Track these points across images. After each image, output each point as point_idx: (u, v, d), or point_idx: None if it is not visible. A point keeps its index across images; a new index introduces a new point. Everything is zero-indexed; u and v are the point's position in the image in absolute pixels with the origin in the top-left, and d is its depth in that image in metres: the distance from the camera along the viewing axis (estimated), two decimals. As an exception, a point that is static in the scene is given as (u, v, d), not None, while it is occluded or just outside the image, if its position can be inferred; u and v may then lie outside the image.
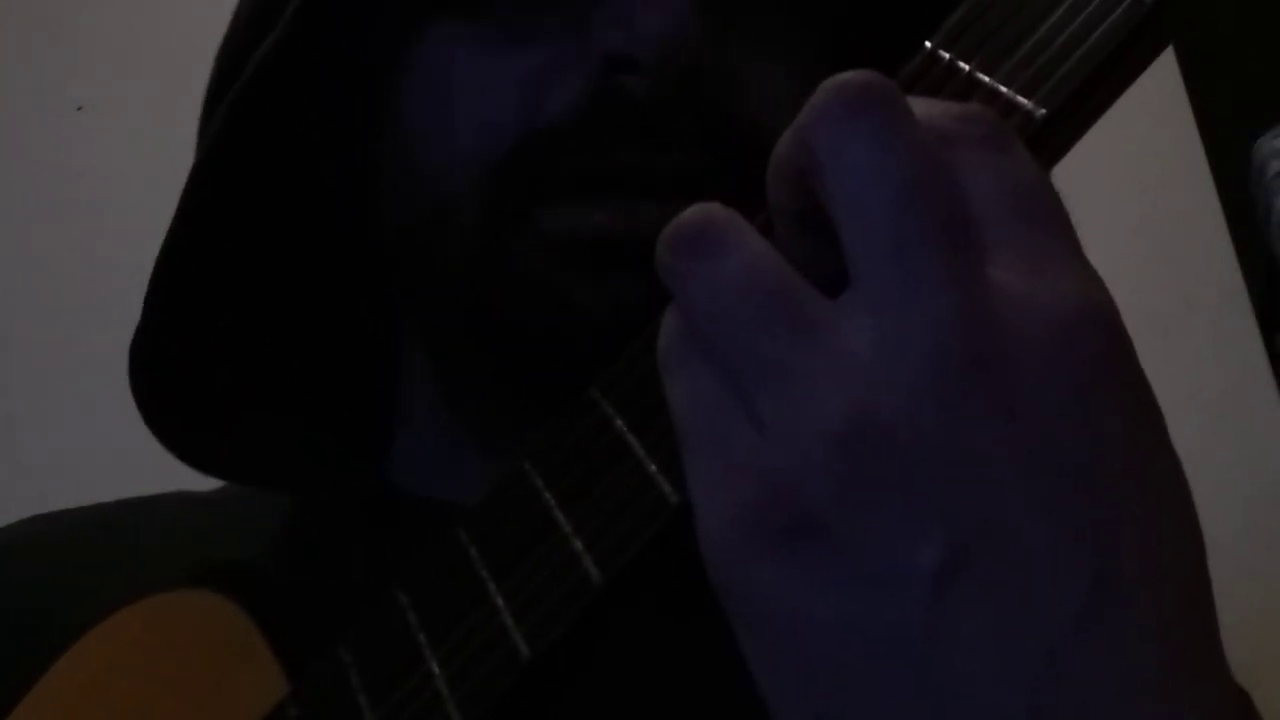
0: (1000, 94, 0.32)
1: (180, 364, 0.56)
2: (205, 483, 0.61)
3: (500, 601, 0.34)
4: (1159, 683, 0.28)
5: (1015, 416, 0.28)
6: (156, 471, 0.58)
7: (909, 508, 0.28)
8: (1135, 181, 1.23)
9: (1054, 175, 1.11)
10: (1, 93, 1.37)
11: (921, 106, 0.31)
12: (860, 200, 0.29)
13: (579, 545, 0.33)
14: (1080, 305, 0.29)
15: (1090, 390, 0.29)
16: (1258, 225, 1.19)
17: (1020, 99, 0.32)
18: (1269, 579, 1.10)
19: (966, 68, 0.33)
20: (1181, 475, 0.30)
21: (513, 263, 0.48)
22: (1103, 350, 0.29)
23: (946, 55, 0.34)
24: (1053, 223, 0.31)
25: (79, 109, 1.34)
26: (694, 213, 0.31)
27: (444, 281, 0.51)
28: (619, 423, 0.34)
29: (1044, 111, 0.32)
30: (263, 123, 0.53)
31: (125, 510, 0.60)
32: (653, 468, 0.33)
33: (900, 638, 0.27)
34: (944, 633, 0.27)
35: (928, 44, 0.34)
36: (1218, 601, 0.30)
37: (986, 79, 0.33)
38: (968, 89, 0.33)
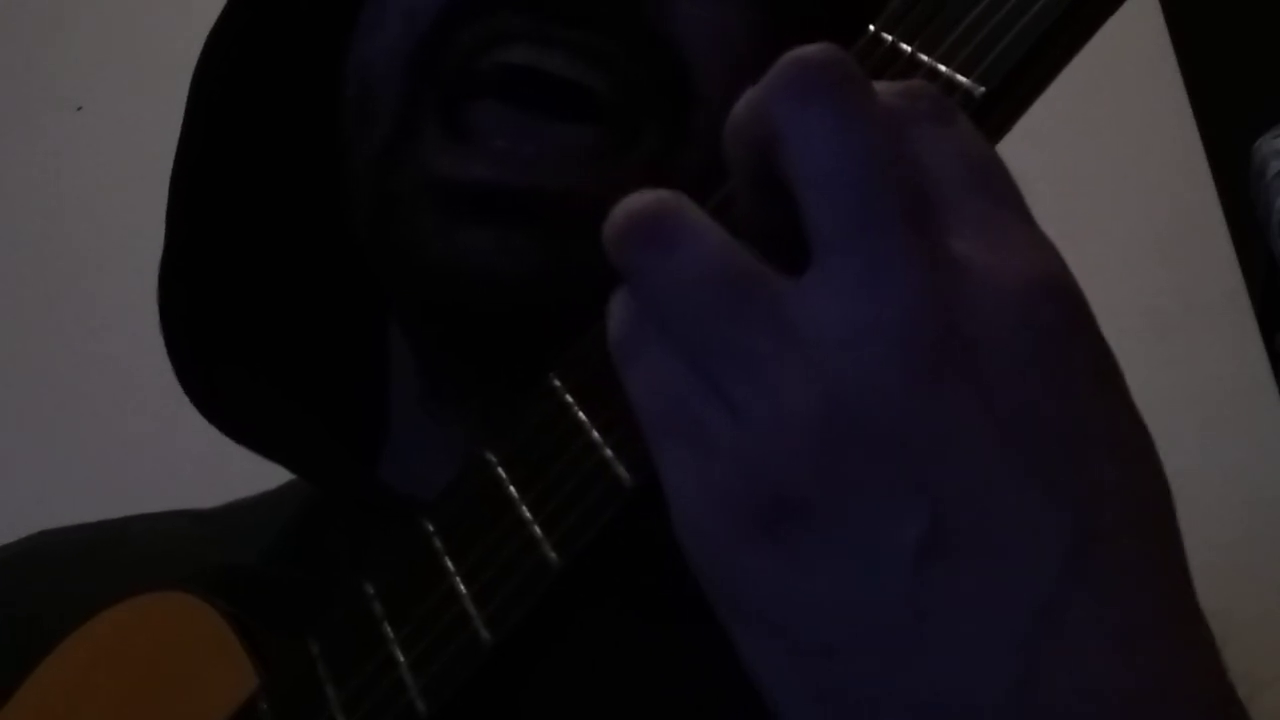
0: (940, 73, 0.33)
1: (205, 329, 0.56)
2: (207, 501, 0.61)
3: (462, 588, 0.35)
4: (1151, 627, 0.28)
5: (985, 386, 0.28)
6: (154, 472, 0.58)
7: (887, 485, 0.28)
8: (1135, 181, 1.23)
9: (1059, 173, 1.10)
10: (1, 93, 1.37)
11: None
12: (824, 178, 0.29)
13: (538, 530, 0.34)
14: (1040, 274, 0.30)
15: (1056, 356, 0.29)
16: (1258, 225, 1.19)
17: (960, 77, 0.32)
18: (1270, 579, 1.10)
19: (909, 49, 0.34)
20: (1146, 432, 0.31)
21: (400, 177, 0.50)
22: (1065, 316, 0.30)
23: (889, 38, 0.34)
24: (1005, 194, 0.31)
25: (79, 109, 1.34)
26: (645, 202, 0.31)
27: (357, 186, 0.52)
28: (576, 410, 0.34)
29: (983, 89, 0.32)
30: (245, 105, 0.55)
31: (127, 525, 0.61)
32: (608, 452, 0.33)
33: (889, 613, 0.28)
34: (932, 604, 0.28)
35: (871, 28, 0.35)
36: (1219, 601, 0.30)
37: (927, 59, 0.33)
38: (909, 70, 0.33)
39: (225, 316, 0.57)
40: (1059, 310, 0.29)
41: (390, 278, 0.52)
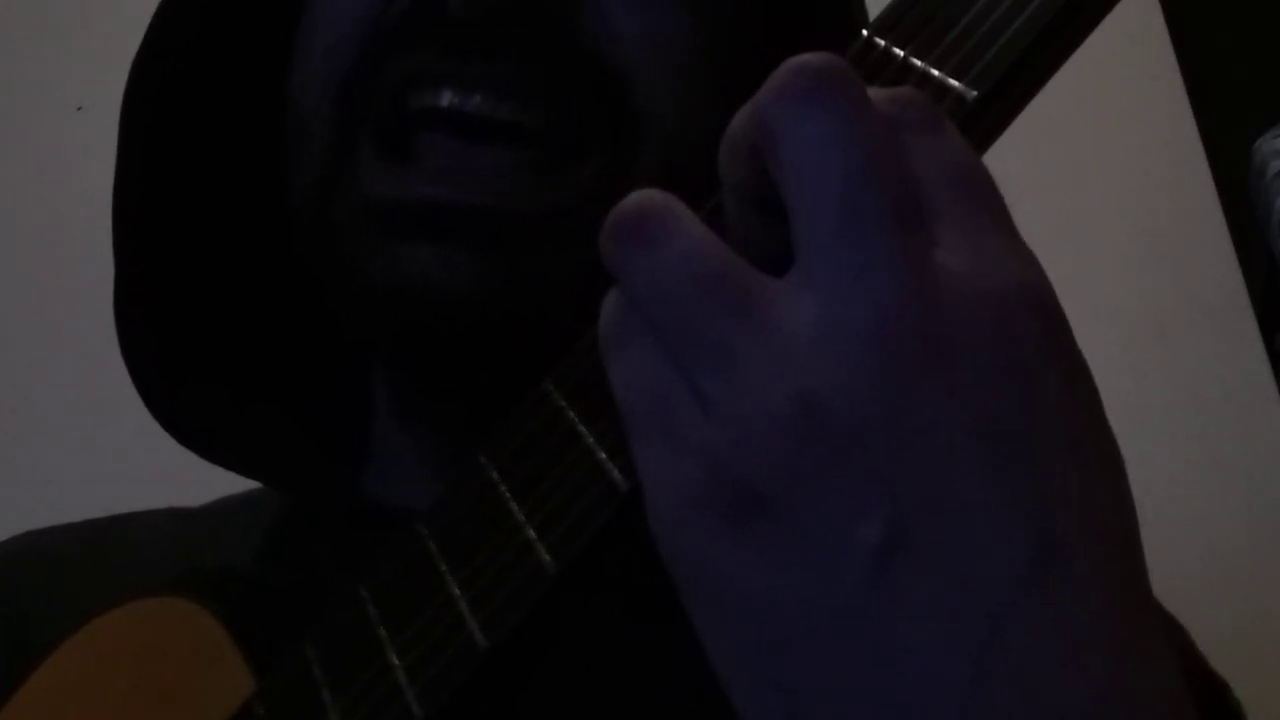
0: (933, 77, 0.33)
1: (172, 350, 0.56)
2: (195, 499, 0.61)
3: (457, 592, 0.35)
4: (1102, 641, 0.28)
5: (955, 392, 0.29)
6: (154, 473, 0.58)
7: (851, 485, 0.28)
8: (1135, 181, 1.23)
9: (1059, 172, 1.10)
10: (1, 93, 1.37)
11: None
12: (813, 179, 0.30)
13: (532, 534, 0.34)
14: (1019, 284, 0.30)
15: (1029, 366, 0.29)
16: (1258, 225, 1.19)
17: (952, 81, 0.33)
18: (1269, 579, 1.10)
19: (901, 54, 0.34)
20: (1115, 447, 0.31)
21: (338, 202, 0.49)
22: (1040, 327, 0.30)
23: (882, 42, 0.34)
24: (989, 203, 0.31)
25: (79, 109, 1.34)
26: (633, 200, 0.32)
27: (299, 211, 0.52)
28: (570, 414, 0.35)
29: (975, 93, 0.32)
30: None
31: (115, 524, 0.61)
32: (602, 455, 0.33)
33: (847, 612, 0.28)
34: (888, 606, 0.28)
35: (864, 32, 0.35)
36: (1219, 602, 0.30)
37: (919, 63, 0.33)
38: (902, 74, 0.33)
39: (195, 336, 0.56)
40: (1035, 321, 0.30)
41: (336, 300, 0.52)
